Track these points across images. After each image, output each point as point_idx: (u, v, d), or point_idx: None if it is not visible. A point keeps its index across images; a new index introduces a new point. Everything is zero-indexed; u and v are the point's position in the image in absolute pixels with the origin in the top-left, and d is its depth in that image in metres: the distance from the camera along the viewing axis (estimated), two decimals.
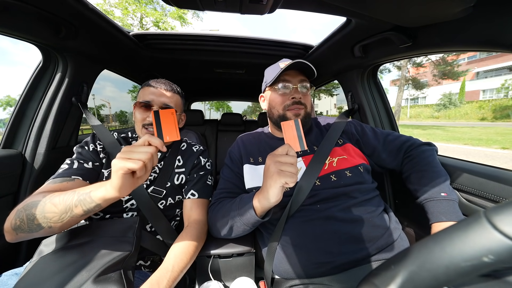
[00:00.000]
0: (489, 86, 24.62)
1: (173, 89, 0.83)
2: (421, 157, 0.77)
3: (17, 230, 0.52)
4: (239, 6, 0.62)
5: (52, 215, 0.51)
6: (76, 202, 0.52)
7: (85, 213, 0.52)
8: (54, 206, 0.52)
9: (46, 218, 0.51)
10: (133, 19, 10.54)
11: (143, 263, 0.78)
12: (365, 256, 0.65)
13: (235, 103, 32.46)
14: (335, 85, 12.84)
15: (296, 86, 0.79)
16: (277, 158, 0.56)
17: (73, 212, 0.52)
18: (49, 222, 0.52)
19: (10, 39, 0.81)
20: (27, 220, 0.51)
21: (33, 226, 0.52)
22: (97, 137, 0.82)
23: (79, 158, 0.73)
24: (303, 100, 0.80)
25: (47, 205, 0.52)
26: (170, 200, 0.82)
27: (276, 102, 0.82)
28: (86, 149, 0.77)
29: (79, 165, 0.70)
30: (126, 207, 0.75)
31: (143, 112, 0.77)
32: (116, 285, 0.47)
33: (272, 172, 0.55)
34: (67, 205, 0.52)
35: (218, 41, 1.20)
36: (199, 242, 0.71)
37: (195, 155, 0.89)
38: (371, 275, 0.32)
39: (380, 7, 0.65)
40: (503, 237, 0.20)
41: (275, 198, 0.57)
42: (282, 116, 0.81)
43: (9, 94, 36.76)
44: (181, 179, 0.84)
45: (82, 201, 0.51)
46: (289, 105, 0.79)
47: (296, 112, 0.79)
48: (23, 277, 0.49)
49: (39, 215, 0.51)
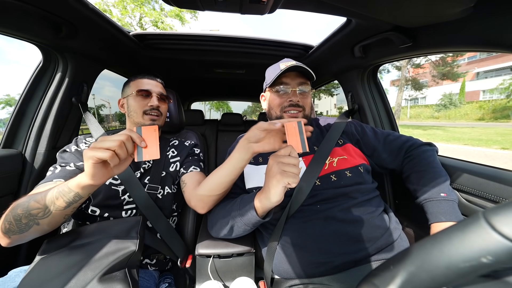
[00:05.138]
0: (489, 86, 24.60)
1: (162, 82, 0.94)
2: (421, 157, 0.77)
3: (8, 233, 0.52)
4: (239, 6, 0.62)
5: (36, 211, 0.52)
6: (56, 194, 0.52)
7: (68, 204, 0.52)
8: (37, 203, 0.52)
9: (32, 215, 0.52)
10: (132, 18, 10.54)
11: (148, 261, 0.79)
12: (365, 256, 0.65)
13: (235, 103, 32.48)
14: (335, 85, 12.84)
15: (294, 89, 0.79)
16: (280, 158, 0.56)
17: (55, 205, 0.52)
18: (35, 219, 0.52)
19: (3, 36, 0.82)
20: (15, 221, 0.52)
21: (21, 225, 0.52)
22: (82, 140, 0.84)
23: (61, 162, 0.74)
24: (301, 102, 0.80)
25: (30, 203, 0.53)
26: (167, 189, 0.83)
27: (274, 103, 0.83)
28: (68, 152, 0.77)
29: (61, 168, 0.71)
30: (124, 199, 0.76)
31: (143, 99, 0.84)
32: (121, 283, 0.47)
33: (274, 172, 0.55)
34: (49, 198, 0.52)
35: (218, 41, 1.20)
36: None
37: (187, 148, 0.95)
38: (370, 275, 0.32)
39: (380, 7, 0.65)
40: (502, 238, 0.20)
41: (276, 198, 0.57)
42: (279, 118, 0.81)
43: (7, 94, 36.66)
44: (175, 166, 0.88)
45: (61, 192, 0.52)
46: (286, 106, 0.80)
47: (294, 115, 0.80)
48: (27, 275, 0.49)
49: (25, 214, 0.52)
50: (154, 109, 0.84)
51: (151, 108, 0.83)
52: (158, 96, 0.86)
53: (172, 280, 0.80)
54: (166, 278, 0.80)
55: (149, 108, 0.83)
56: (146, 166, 0.83)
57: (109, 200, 0.73)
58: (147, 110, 0.83)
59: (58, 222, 0.56)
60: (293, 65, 0.75)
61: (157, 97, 0.86)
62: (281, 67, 0.78)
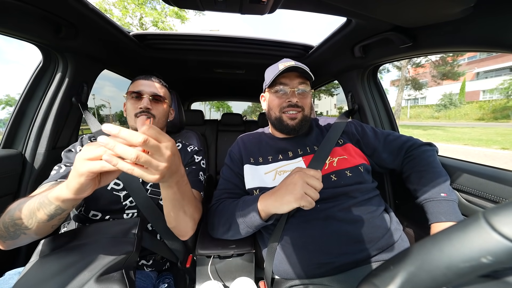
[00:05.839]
0: (489, 86, 24.59)
1: (161, 82, 0.89)
2: (422, 157, 0.77)
3: (1, 238, 0.50)
4: (239, 6, 0.62)
5: (20, 222, 0.48)
6: (37, 205, 0.47)
7: (49, 217, 0.47)
8: (20, 212, 0.48)
9: (17, 225, 0.48)
10: (132, 18, 10.54)
11: (145, 263, 0.78)
12: (366, 257, 0.65)
13: (235, 103, 32.47)
14: (335, 85, 12.83)
15: (293, 89, 0.79)
16: (308, 179, 0.56)
17: (37, 217, 0.47)
18: (20, 229, 0.48)
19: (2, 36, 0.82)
20: (4, 228, 0.49)
21: (10, 233, 0.49)
22: (87, 139, 0.83)
23: (66, 162, 0.73)
24: (300, 102, 0.80)
25: (16, 212, 0.49)
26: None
27: (273, 104, 0.83)
28: (73, 152, 0.77)
29: (66, 168, 0.70)
30: (126, 204, 0.75)
31: (135, 102, 0.81)
32: (119, 284, 0.47)
33: (297, 191, 0.55)
34: (30, 209, 0.48)
35: (218, 41, 1.20)
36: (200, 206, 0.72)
37: (189, 154, 0.91)
38: (370, 275, 0.32)
39: (380, 7, 0.65)
40: (502, 238, 0.20)
41: (286, 211, 0.58)
42: (278, 118, 0.82)
43: (6, 94, 36.42)
44: None
45: (42, 204, 0.47)
46: (285, 107, 0.80)
47: (292, 115, 0.80)
48: (22, 277, 0.48)
49: (11, 223, 0.49)
50: (144, 111, 0.79)
51: (141, 110, 0.79)
52: (150, 97, 0.81)
53: (171, 280, 0.80)
54: (165, 278, 0.80)
55: (139, 110, 0.79)
56: None
57: (111, 205, 0.73)
58: (137, 113, 0.79)
59: (47, 231, 0.52)
60: (292, 66, 0.75)
61: (149, 98, 0.81)
62: (280, 67, 0.78)
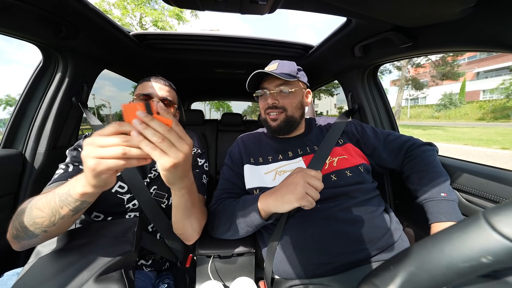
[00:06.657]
0: (489, 86, 24.59)
1: (170, 85, 0.88)
2: (422, 157, 0.77)
3: (17, 239, 0.51)
4: (240, 6, 0.62)
5: (42, 220, 0.49)
6: (59, 203, 0.48)
7: (74, 211, 0.48)
8: (40, 211, 0.49)
9: (37, 223, 0.49)
10: (132, 18, 10.54)
11: (144, 262, 0.78)
12: (366, 257, 0.65)
13: (235, 103, 32.46)
14: (335, 85, 12.83)
15: (272, 91, 0.81)
16: (309, 179, 0.56)
17: (60, 214, 0.48)
18: (41, 227, 0.49)
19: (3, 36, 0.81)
20: (21, 228, 0.49)
21: (29, 233, 0.50)
22: None
23: (73, 161, 0.72)
24: (281, 103, 0.81)
25: (33, 211, 0.49)
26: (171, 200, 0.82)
27: (260, 107, 0.88)
28: (79, 151, 0.76)
29: (74, 167, 0.69)
30: (128, 207, 0.75)
31: None
32: (118, 284, 0.47)
33: (298, 190, 0.55)
34: (52, 207, 0.48)
35: (218, 41, 1.20)
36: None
37: (193, 157, 0.90)
38: (371, 275, 0.32)
39: (380, 7, 0.65)
40: (502, 238, 0.20)
41: (287, 210, 0.58)
42: (264, 120, 0.86)
43: (7, 94, 36.49)
44: None
45: (64, 202, 0.48)
46: (267, 109, 0.83)
47: (273, 117, 0.82)
48: (21, 278, 0.48)
49: (30, 222, 0.49)
50: None
51: None
52: (159, 101, 0.79)
53: (171, 280, 0.80)
54: (165, 278, 0.80)
55: None
56: (152, 176, 0.80)
57: (114, 208, 0.73)
58: None
59: (68, 226, 0.54)
60: (260, 71, 0.77)
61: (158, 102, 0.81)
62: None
